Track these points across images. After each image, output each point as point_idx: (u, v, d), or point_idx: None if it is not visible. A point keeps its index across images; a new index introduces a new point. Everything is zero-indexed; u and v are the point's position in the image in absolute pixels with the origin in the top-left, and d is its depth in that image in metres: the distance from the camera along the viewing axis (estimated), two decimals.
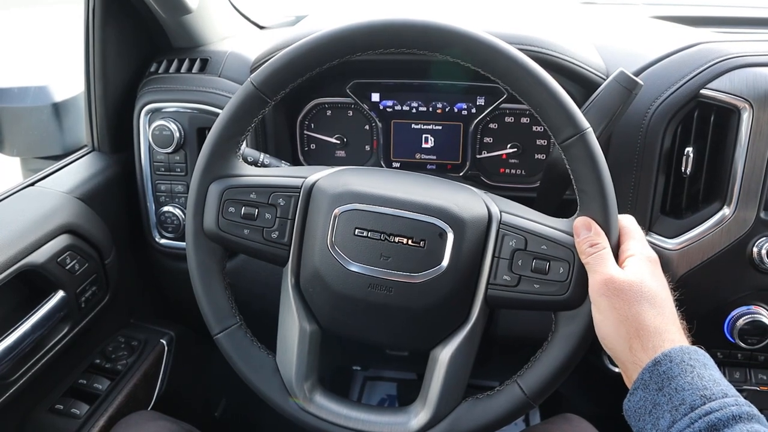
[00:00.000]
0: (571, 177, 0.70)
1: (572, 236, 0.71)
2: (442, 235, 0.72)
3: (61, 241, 0.98)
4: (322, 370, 0.81)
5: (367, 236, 0.73)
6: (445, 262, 0.72)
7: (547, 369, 0.72)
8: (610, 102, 0.83)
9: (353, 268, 0.73)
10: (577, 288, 0.70)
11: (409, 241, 0.72)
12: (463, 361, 0.75)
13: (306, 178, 0.78)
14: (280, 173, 0.80)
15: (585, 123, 0.69)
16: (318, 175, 0.79)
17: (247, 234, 0.77)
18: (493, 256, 0.73)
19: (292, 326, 0.78)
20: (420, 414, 0.76)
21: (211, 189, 0.77)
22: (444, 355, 0.75)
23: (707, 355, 0.61)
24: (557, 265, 0.71)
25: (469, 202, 0.75)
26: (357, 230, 0.73)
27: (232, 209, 0.76)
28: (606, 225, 0.69)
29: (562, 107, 0.68)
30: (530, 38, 0.98)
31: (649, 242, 0.98)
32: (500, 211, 0.74)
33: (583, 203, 0.70)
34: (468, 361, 0.75)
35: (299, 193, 0.77)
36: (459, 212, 0.73)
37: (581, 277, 0.70)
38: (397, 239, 0.72)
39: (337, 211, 0.74)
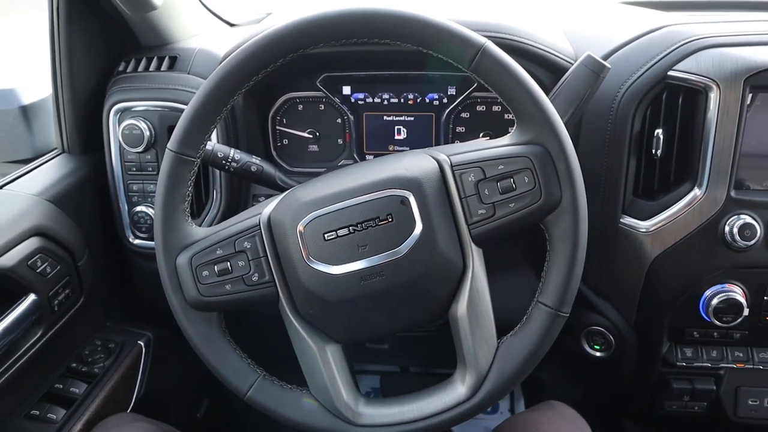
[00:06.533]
0: (498, 96, 0.72)
1: (521, 145, 0.72)
2: (404, 201, 0.72)
3: (31, 243, 0.97)
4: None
5: (337, 236, 0.72)
6: (419, 226, 0.72)
7: (560, 275, 0.72)
8: (578, 86, 0.83)
9: (339, 272, 0.72)
10: (548, 188, 0.71)
11: (378, 222, 0.72)
12: (481, 307, 0.74)
13: (260, 213, 0.77)
14: (234, 221, 0.79)
15: (481, 38, 0.70)
16: (270, 205, 0.78)
17: (230, 288, 0.75)
18: (460, 197, 0.73)
19: (312, 354, 0.76)
20: (466, 377, 0.75)
21: (179, 263, 0.76)
22: (460, 310, 0.73)
23: None
24: (520, 177, 0.71)
25: (415, 161, 0.75)
26: (326, 235, 0.72)
27: (206, 273, 0.75)
28: (544, 117, 0.70)
29: (453, 34, 0.70)
30: (498, 25, 0.98)
31: (623, 224, 1.00)
32: (447, 156, 0.75)
33: (516, 111, 0.72)
34: (485, 306, 0.74)
35: (260, 228, 0.76)
36: (410, 174, 0.73)
37: (548, 176, 0.70)
38: (365, 224, 0.72)
39: (299, 227, 0.73)
